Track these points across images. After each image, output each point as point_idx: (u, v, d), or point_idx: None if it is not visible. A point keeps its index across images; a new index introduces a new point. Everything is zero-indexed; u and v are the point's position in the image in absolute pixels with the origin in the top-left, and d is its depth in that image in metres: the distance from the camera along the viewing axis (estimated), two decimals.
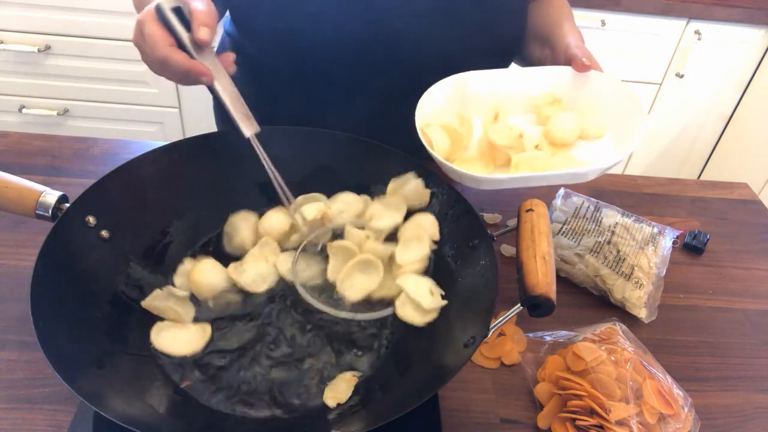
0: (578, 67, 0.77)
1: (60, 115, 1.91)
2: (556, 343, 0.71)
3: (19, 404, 0.61)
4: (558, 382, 0.65)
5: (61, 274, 0.58)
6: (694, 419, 0.65)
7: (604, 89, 0.77)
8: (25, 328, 0.67)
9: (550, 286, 0.54)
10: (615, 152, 0.73)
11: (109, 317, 0.61)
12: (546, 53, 0.86)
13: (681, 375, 0.70)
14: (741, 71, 1.92)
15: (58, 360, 0.49)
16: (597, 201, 0.91)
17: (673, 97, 1.96)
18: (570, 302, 0.79)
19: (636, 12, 1.76)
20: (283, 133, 0.73)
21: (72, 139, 0.96)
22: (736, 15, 1.77)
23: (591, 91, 0.78)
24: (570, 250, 0.82)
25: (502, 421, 0.65)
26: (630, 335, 0.70)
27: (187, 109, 1.92)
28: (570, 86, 0.79)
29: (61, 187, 0.65)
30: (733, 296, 0.83)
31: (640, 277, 0.79)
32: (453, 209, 0.68)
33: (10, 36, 1.78)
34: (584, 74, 0.77)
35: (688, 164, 2.16)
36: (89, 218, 0.63)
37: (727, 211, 0.99)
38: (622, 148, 0.72)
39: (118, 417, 0.47)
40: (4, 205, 0.64)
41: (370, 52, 0.78)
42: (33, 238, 0.77)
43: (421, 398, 0.50)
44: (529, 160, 0.70)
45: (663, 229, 0.88)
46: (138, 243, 0.67)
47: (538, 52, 0.89)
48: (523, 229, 0.60)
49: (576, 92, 0.78)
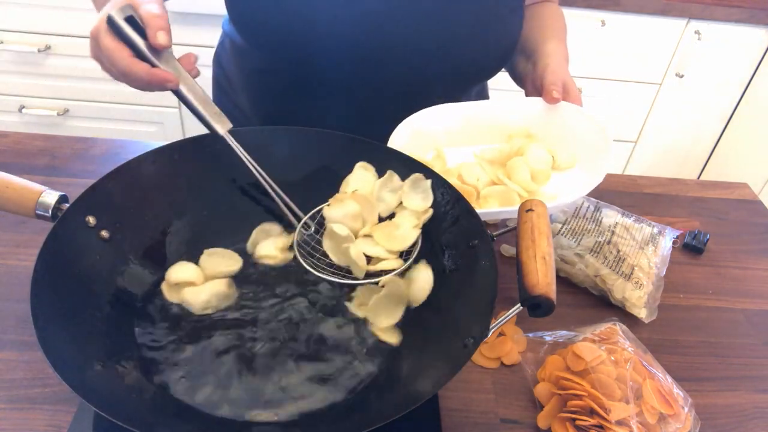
0: (549, 99, 0.80)
1: (60, 115, 1.91)
2: (556, 343, 0.71)
3: (19, 404, 0.61)
4: (558, 382, 0.65)
5: (61, 274, 0.58)
6: (694, 419, 0.65)
7: (574, 121, 0.80)
8: (25, 328, 0.68)
9: (550, 286, 0.54)
10: (580, 187, 0.75)
11: (109, 317, 0.61)
12: (528, 68, 0.87)
13: (681, 375, 0.70)
14: (741, 71, 1.92)
15: (58, 360, 0.49)
16: (597, 201, 0.91)
17: (673, 97, 1.96)
18: (570, 302, 0.79)
19: (636, 12, 1.76)
20: (282, 133, 0.73)
21: (72, 139, 0.97)
22: (736, 15, 1.77)
23: (561, 122, 0.81)
24: (570, 250, 0.82)
25: (502, 421, 0.65)
26: (630, 335, 0.70)
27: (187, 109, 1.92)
28: (541, 117, 0.82)
29: (61, 187, 0.65)
30: (733, 296, 0.83)
31: (640, 277, 0.79)
32: (453, 209, 0.68)
33: (10, 36, 1.78)
34: (555, 105, 0.80)
35: (688, 164, 2.16)
36: (89, 218, 0.63)
37: (727, 211, 0.99)
38: (586, 184, 0.75)
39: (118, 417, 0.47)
40: (4, 205, 0.64)
41: (368, 52, 0.78)
42: (33, 238, 0.77)
43: (422, 398, 0.50)
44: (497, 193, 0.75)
45: (663, 229, 0.88)
46: (138, 243, 0.67)
47: (521, 65, 0.90)
48: (523, 229, 0.60)
49: (547, 123, 0.82)
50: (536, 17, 0.91)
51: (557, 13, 0.94)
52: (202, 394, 0.58)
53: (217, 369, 0.61)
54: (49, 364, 0.48)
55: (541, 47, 0.85)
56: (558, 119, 0.81)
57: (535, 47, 0.86)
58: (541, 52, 0.84)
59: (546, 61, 0.82)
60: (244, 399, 0.58)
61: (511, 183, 0.76)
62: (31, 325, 0.50)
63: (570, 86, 0.81)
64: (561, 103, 0.80)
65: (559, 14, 0.94)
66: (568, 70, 0.83)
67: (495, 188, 0.76)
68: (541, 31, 0.89)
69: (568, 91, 0.81)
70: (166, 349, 0.62)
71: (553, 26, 0.90)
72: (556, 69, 0.81)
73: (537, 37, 0.87)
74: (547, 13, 0.93)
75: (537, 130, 0.82)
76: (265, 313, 0.66)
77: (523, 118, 0.82)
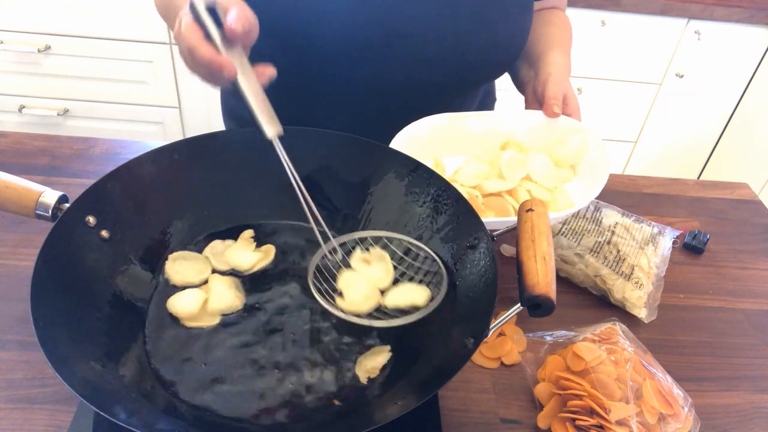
0: (549, 113, 0.81)
1: (60, 115, 1.91)
2: (556, 343, 0.71)
3: (19, 404, 0.61)
4: (558, 382, 0.65)
5: (61, 274, 0.58)
6: (694, 419, 0.65)
7: (574, 135, 0.81)
8: (25, 328, 0.68)
9: (550, 286, 0.54)
10: (577, 200, 0.77)
11: (109, 317, 0.61)
12: (530, 75, 0.87)
13: (681, 375, 0.70)
14: (741, 71, 1.92)
15: (58, 360, 0.49)
16: (597, 201, 0.91)
17: (673, 97, 1.96)
18: (570, 302, 0.79)
19: (636, 12, 1.76)
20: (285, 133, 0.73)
21: (72, 139, 0.97)
22: (736, 15, 1.77)
23: (559, 136, 0.82)
24: (570, 250, 0.82)
25: (502, 421, 0.65)
26: (630, 335, 0.70)
27: (187, 109, 1.92)
28: (540, 131, 0.83)
29: (61, 187, 0.65)
30: (733, 296, 0.83)
31: (640, 277, 0.79)
32: (453, 209, 0.68)
33: (10, 36, 1.78)
34: (555, 119, 0.81)
35: (688, 164, 2.16)
36: (89, 218, 0.63)
37: (727, 211, 0.99)
38: (583, 197, 0.76)
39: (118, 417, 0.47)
40: (4, 205, 0.64)
41: (372, 45, 0.77)
42: (33, 238, 0.77)
43: (421, 398, 0.50)
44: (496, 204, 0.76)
45: (663, 229, 0.88)
46: (138, 243, 0.67)
47: (524, 72, 0.90)
48: (523, 229, 0.60)
49: (545, 137, 0.83)
50: (544, 24, 0.91)
51: (564, 23, 0.94)
52: (204, 394, 0.58)
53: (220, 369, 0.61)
54: (49, 364, 0.48)
55: (545, 56, 0.85)
56: (556, 133, 0.82)
57: (539, 55, 0.86)
58: (544, 60, 0.85)
59: (549, 71, 0.83)
60: (246, 399, 0.58)
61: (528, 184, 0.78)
62: (31, 325, 0.50)
63: (569, 98, 0.82)
64: (560, 117, 0.81)
65: (566, 24, 0.94)
66: (569, 82, 0.84)
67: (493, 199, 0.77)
68: (547, 39, 0.89)
69: (567, 103, 0.82)
70: (166, 349, 0.62)
71: (559, 35, 0.90)
72: (558, 81, 0.82)
73: (542, 45, 0.88)
74: (555, 22, 0.93)
75: (535, 143, 0.83)
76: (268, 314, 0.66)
77: (522, 130, 0.83)
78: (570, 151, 0.81)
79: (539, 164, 0.80)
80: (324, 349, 0.63)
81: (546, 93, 0.81)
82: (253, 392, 0.59)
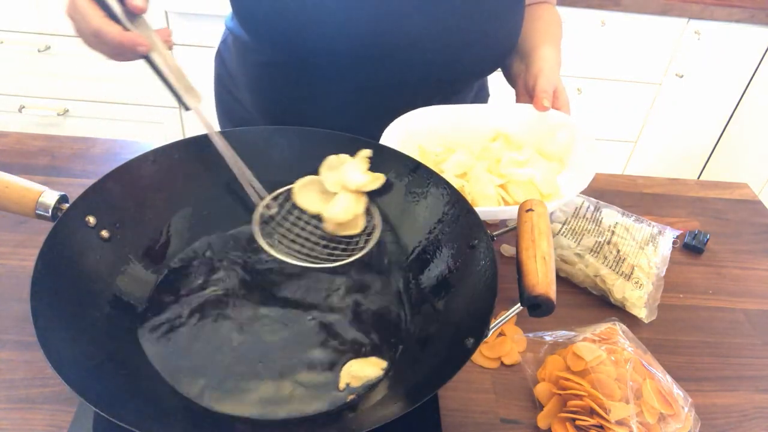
0: (539, 107, 0.82)
1: (60, 115, 1.91)
2: (556, 343, 0.71)
3: (19, 404, 0.61)
4: (558, 382, 0.65)
5: (61, 274, 0.58)
6: (694, 419, 0.65)
7: (562, 129, 0.82)
8: (25, 328, 0.68)
9: (550, 286, 0.54)
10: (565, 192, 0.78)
11: (109, 317, 0.61)
12: (521, 69, 0.89)
13: (681, 375, 0.70)
14: (741, 71, 1.92)
15: (58, 360, 0.49)
16: (597, 201, 0.91)
17: (673, 97, 1.96)
18: (570, 302, 0.79)
19: (636, 12, 1.77)
20: (282, 133, 0.73)
21: (72, 139, 0.97)
22: (736, 15, 1.77)
23: (548, 129, 0.83)
24: (570, 250, 0.82)
25: (502, 421, 0.65)
26: (630, 335, 0.70)
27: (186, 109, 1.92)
28: (529, 123, 0.84)
29: (61, 187, 0.65)
30: (733, 296, 0.83)
31: (640, 277, 0.79)
32: (453, 209, 0.68)
33: (10, 36, 1.78)
34: (544, 113, 0.82)
35: (688, 164, 2.16)
36: (89, 218, 0.63)
37: (727, 211, 0.99)
38: (571, 188, 0.76)
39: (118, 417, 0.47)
40: (4, 205, 0.64)
41: (369, 45, 0.78)
42: (33, 238, 0.77)
43: (421, 398, 0.50)
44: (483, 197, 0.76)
45: (663, 229, 0.88)
46: (138, 243, 0.67)
47: (516, 66, 0.92)
48: (523, 229, 0.60)
49: (534, 130, 0.83)
50: (535, 19, 0.92)
51: (555, 18, 0.95)
52: (205, 394, 0.58)
53: (221, 368, 0.61)
54: (49, 364, 0.48)
55: (537, 50, 0.87)
56: (545, 127, 0.83)
57: (530, 50, 0.88)
58: (535, 55, 0.86)
59: (540, 65, 0.84)
60: (247, 398, 0.58)
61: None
62: (31, 325, 0.50)
63: (559, 93, 0.83)
64: (549, 111, 0.82)
65: (557, 19, 0.96)
66: (559, 76, 0.85)
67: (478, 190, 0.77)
68: (538, 33, 0.90)
69: (557, 96, 0.83)
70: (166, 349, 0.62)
71: (550, 30, 0.92)
72: (549, 75, 0.83)
73: (533, 40, 0.89)
74: (546, 16, 0.94)
75: (525, 136, 0.83)
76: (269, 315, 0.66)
77: (512, 123, 0.84)
78: (559, 145, 0.81)
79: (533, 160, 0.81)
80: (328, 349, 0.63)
81: (537, 87, 0.82)
82: (254, 392, 0.59)
